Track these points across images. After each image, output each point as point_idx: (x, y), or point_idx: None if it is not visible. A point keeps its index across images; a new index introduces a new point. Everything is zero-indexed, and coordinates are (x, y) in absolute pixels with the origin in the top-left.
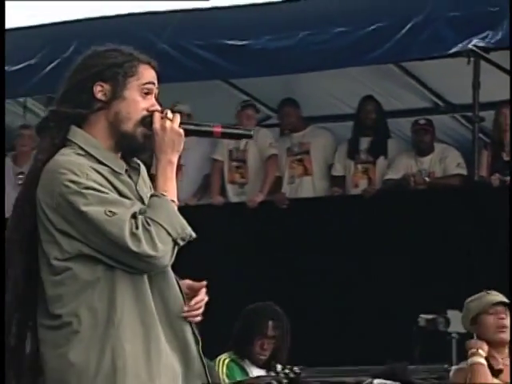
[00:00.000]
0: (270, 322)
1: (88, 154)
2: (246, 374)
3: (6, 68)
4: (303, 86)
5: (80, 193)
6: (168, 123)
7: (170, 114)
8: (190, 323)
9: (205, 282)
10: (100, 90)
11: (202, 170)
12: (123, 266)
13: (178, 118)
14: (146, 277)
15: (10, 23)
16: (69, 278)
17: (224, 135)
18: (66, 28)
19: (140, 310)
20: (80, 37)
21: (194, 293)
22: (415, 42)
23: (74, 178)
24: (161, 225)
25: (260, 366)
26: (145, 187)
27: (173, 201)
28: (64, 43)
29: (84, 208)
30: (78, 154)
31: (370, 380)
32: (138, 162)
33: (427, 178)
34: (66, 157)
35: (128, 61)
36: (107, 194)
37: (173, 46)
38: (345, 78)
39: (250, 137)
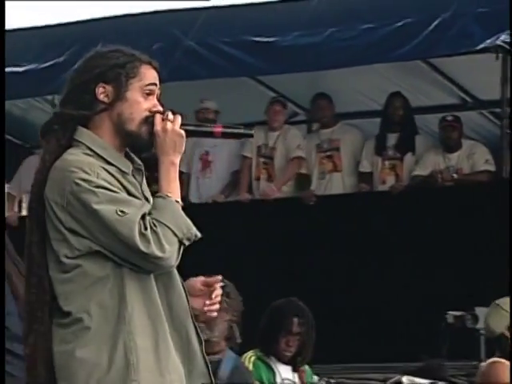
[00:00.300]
0: (295, 319)
1: (96, 154)
2: (272, 371)
3: (36, 66)
4: (330, 83)
5: (91, 191)
6: (169, 125)
7: (170, 116)
8: (194, 323)
9: (220, 277)
10: (102, 92)
11: (231, 166)
12: (130, 264)
13: (178, 119)
14: (152, 274)
15: (36, 21)
16: (78, 274)
17: (224, 135)
18: (94, 25)
19: (148, 306)
20: (108, 34)
21: (209, 288)
22: (443, 38)
23: (85, 176)
24: (167, 226)
25: (286, 363)
26: (147, 189)
27: (177, 201)
28: (92, 41)
29: (96, 206)
30: (86, 154)
31: (398, 377)
32: (140, 163)
33: (455, 175)
34: (75, 156)
35: (130, 61)
36: (118, 193)
37: (200, 43)
38: (372, 75)
39: (250, 136)
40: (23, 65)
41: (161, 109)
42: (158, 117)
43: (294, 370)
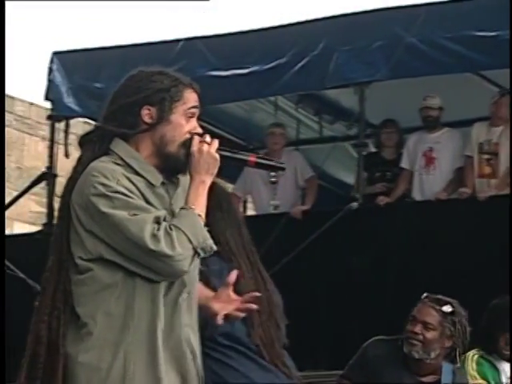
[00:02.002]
0: None
1: (126, 165)
2: (497, 369)
3: (258, 67)
4: None
5: (106, 195)
6: (205, 147)
7: (208, 139)
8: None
9: (256, 294)
10: (147, 114)
11: (455, 163)
12: (143, 269)
13: (215, 143)
14: (162, 287)
15: (255, 24)
16: (90, 278)
17: (257, 165)
18: (315, 26)
19: (154, 318)
20: (329, 34)
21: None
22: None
23: (105, 181)
24: (183, 231)
25: (507, 360)
26: (179, 201)
27: (200, 215)
28: (314, 41)
29: (107, 210)
30: (115, 163)
31: None
32: (178, 176)
33: None
34: (102, 163)
35: (174, 86)
36: (134, 199)
37: (421, 40)
38: None
39: (282, 169)
40: (247, 67)
41: (200, 131)
42: (196, 138)
43: None
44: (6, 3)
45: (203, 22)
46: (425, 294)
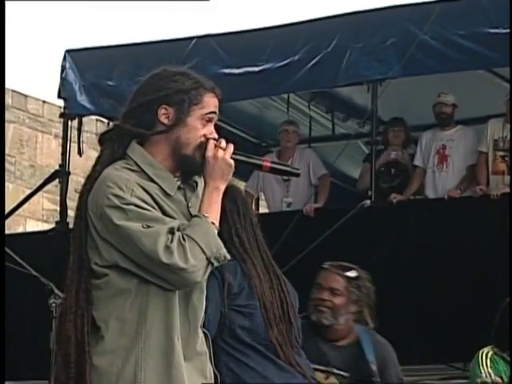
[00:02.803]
0: None
1: (141, 171)
2: (510, 365)
3: (271, 65)
4: None
5: (120, 208)
6: (220, 153)
7: (223, 144)
8: (207, 337)
9: None
10: (164, 113)
11: (468, 160)
12: (157, 279)
13: (230, 148)
14: (177, 293)
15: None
16: (105, 283)
17: (272, 170)
18: (328, 23)
19: (168, 325)
20: (342, 32)
21: None
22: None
23: (119, 192)
24: (196, 242)
25: None
26: (198, 204)
27: (213, 223)
28: (326, 38)
29: (119, 222)
30: (131, 170)
31: None
32: (196, 179)
33: None
34: (117, 171)
35: (194, 88)
36: (149, 210)
37: (434, 37)
38: None
39: (297, 175)
40: (259, 64)
41: (216, 136)
42: (211, 143)
43: None
44: (19, 2)
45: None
46: (327, 263)
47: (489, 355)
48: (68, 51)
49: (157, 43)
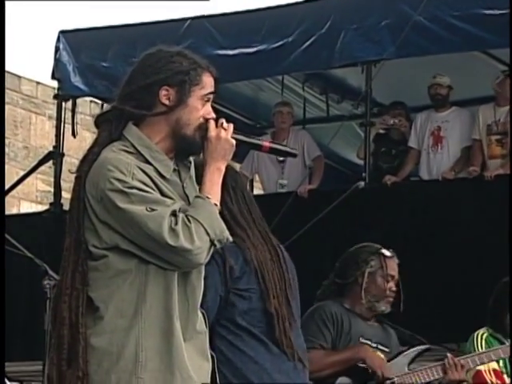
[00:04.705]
0: None
1: (138, 153)
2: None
3: (265, 46)
4: None
5: (123, 191)
6: (223, 133)
7: (225, 124)
8: (204, 317)
9: None
10: (165, 94)
11: (463, 142)
12: (159, 260)
13: (231, 127)
14: (176, 273)
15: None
16: (103, 264)
17: (271, 150)
18: (322, 4)
19: (167, 305)
20: (337, 13)
21: None
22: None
23: (120, 176)
24: (200, 223)
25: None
26: (191, 186)
27: (216, 204)
28: (321, 19)
29: (125, 205)
30: (128, 152)
31: None
32: (190, 160)
33: None
34: (116, 154)
35: (193, 69)
36: (150, 193)
37: (429, 18)
38: None
39: (294, 156)
40: (254, 46)
41: (214, 116)
42: (213, 123)
43: None
44: None
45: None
46: (388, 251)
47: (484, 336)
48: (62, 32)
49: (151, 24)
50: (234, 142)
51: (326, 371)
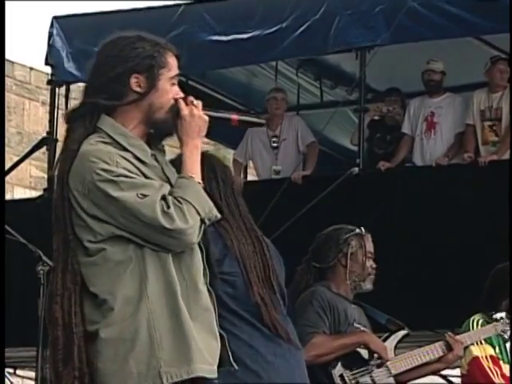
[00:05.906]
0: None
1: (115, 142)
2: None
3: (259, 32)
4: None
5: (111, 180)
6: (195, 110)
7: (196, 101)
8: (211, 294)
9: None
10: (135, 82)
11: (456, 127)
12: (153, 245)
13: (200, 104)
14: (170, 254)
15: None
16: (102, 258)
17: (240, 122)
18: None
19: (168, 284)
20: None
21: None
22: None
23: (106, 166)
24: (190, 203)
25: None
26: (169, 168)
27: (199, 183)
28: (315, 5)
29: (116, 194)
30: (105, 143)
31: None
32: (163, 143)
33: None
34: (94, 146)
35: (157, 51)
36: (137, 179)
37: (423, 4)
38: None
39: (261, 125)
40: (247, 31)
41: (182, 95)
42: (182, 102)
43: None
44: None
45: None
46: (360, 229)
47: (479, 322)
48: (55, 18)
49: (144, 10)
50: (207, 118)
51: (335, 354)
